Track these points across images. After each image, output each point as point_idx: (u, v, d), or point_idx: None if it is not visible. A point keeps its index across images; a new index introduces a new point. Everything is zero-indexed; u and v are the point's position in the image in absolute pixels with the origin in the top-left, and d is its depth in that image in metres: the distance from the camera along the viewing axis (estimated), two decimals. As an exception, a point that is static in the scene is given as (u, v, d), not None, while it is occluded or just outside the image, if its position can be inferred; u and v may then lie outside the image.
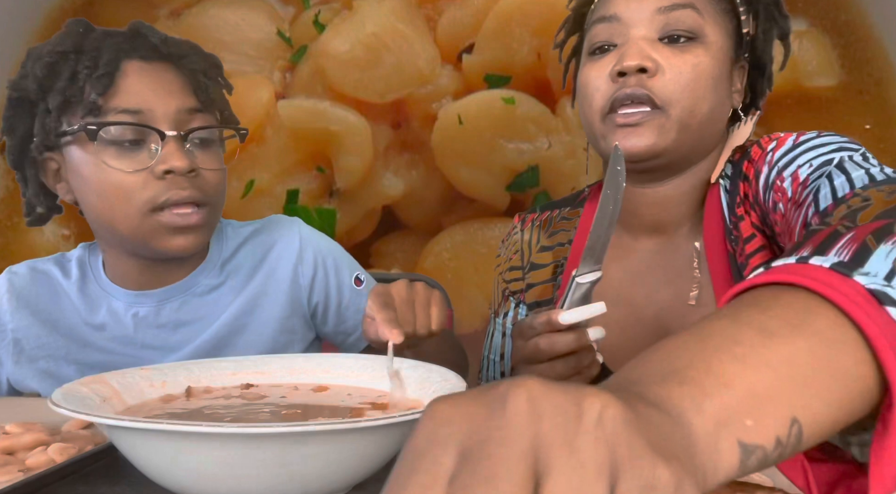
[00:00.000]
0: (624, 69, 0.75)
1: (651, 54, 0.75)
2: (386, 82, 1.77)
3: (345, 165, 1.80)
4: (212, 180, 0.88)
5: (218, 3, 1.82)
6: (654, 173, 0.82)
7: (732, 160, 0.83)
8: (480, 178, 1.77)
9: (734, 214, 0.80)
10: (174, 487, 0.51)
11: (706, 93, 0.77)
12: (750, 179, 0.78)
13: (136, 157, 0.84)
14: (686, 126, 0.76)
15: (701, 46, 0.77)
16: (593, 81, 0.79)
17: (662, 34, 0.77)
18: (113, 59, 0.84)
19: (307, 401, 0.65)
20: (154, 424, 0.47)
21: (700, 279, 0.81)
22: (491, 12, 1.74)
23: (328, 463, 0.50)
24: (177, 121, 0.85)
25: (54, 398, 0.53)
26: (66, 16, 1.82)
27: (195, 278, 0.96)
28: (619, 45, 0.78)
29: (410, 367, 0.69)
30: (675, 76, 0.75)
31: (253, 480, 0.49)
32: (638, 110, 0.76)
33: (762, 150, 0.78)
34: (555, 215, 0.98)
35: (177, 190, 0.84)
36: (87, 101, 0.83)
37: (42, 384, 0.94)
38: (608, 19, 0.79)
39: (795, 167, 0.70)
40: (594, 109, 0.79)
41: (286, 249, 1.01)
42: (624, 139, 0.76)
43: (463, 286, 1.75)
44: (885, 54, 1.64)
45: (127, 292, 0.94)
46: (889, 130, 1.65)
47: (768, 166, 0.75)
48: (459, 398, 0.26)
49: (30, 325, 0.94)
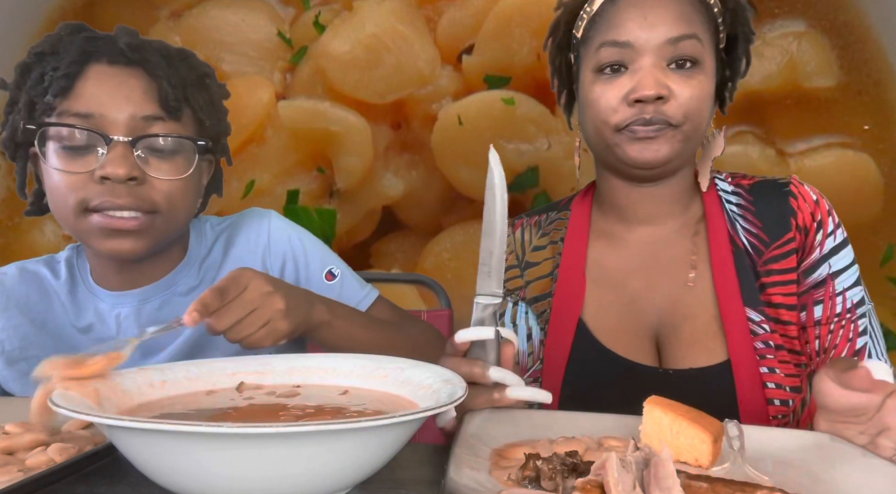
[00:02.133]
0: (642, 98, 0.83)
1: (665, 82, 0.84)
2: (386, 83, 1.78)
3: (345, 165, 1.80)
4: (162, 189, 0.86)
5: (218, 4, 1.83)
6: (653, 176, 0.91)
7: (738, 182, 0.94)
8: (480, 178, 1.77)
9: (755, 227, 0.90)
10: (174, 487, 0.52)
11: (704, 112, 0.87)
12: (801, 227, 0.88)
13: (83, 160, 0.83)
14: (689, 139, 0.87)
15: (702, 72, 0.86)
16: (608, 100, 0.86)
17: (670, 61, 0.85)
18: (77, 62, 0.84)
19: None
20: (154, 424, 0.47)
21: (698, 266, 0.90)
22: (491, 13, 1.75)
23: (328, 463, 0.50)
24: (130, 127, 0.84)
25: (54, 398, 0.53)
26: (67, 17, 1.83)
27: (174, 278, 0.96)
28: (632, 70, 0.86)
29: (410, 367, 0.69)
30: (686, 101, 0.84)
31: (253, 480, 0.49)
32: (654, 128, 0.85)
33: (805, 202, 0.89)
34: (543, 219, 1.03)
35: (111, 197, 0.83)
36: (43, 102, 0.84)
37: (24, 387, 0.93)
38: (620, 45, 0.85)
39: (842, 289, 0.86)
40: (609, 127, 0.87)
41: (252, 241, 1.00)
42: (643, 150, 0.86)
43: (463, 286, 1.75)
44: (884, 55, 1.64)
45: (109, 293, 0.94)
46: (888, 131, 1.66)
47: (819, 250, 0.87)
48: None
49: (18, 325, 0.94)
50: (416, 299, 1.77)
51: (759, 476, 0.56)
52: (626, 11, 0.86)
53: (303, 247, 1.02)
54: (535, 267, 0.99)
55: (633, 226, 0.95)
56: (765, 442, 0.63)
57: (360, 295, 1.02)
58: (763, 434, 0.64)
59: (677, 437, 0.59)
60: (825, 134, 1.67)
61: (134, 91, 0.85)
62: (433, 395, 0.62)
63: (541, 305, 0.97)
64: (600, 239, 0.97)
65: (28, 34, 1.83)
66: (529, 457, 0.54)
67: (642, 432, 0.61)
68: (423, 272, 1.75)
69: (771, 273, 0.87)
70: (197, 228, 1.01)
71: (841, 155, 1.67)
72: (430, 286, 1.65)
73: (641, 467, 0.50)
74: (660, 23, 0.84)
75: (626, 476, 0.48)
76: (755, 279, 0.87)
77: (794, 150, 1.69)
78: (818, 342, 0.86)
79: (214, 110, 0.95)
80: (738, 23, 0.90)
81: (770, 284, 0.87)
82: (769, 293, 0.86)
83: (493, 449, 0.61)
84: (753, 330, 0.85)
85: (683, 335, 0.88)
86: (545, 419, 0.69)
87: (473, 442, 0.61)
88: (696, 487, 0.51)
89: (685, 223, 0.94)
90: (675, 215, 0.94)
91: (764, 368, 0.84)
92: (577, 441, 0.62)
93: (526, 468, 0.53)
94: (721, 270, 0.88)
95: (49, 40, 0.87)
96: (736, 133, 1.69)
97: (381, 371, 0.70)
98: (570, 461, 0.53)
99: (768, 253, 0.88)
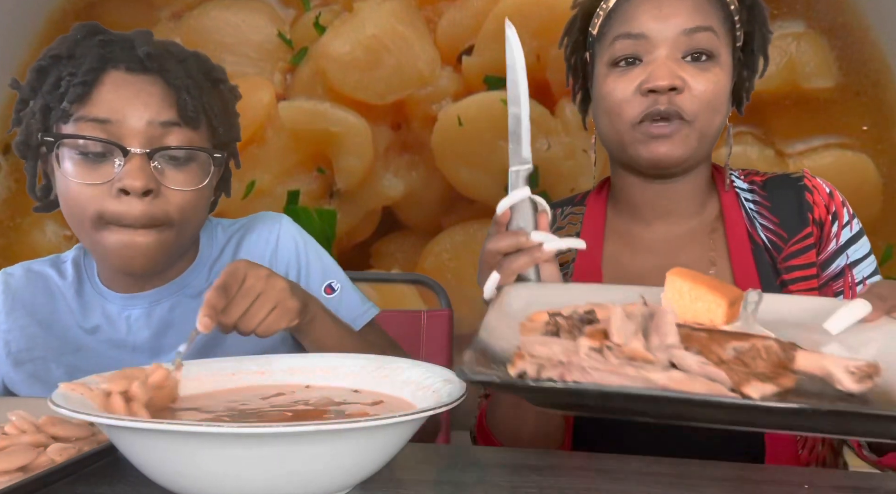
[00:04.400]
0: (656, 88, 0.83)
1: (679, 73, 0.83)
2: (386, 84, 1.78)
3: (345, 166, 1.80)
4: (176, 201, 0.85)
5: (219, 5, 1.83)
6: (667, 174, 0.90)
7: (751, 178, 0.95)
8: (480, 179, 1.77)
9: (773, 222, 0.90)
10: (174, 487, 0.52)
11: (720, 106, 0.86)
12: (817, 221, 0.89)
13: (100, 170, 0.83)
14: (704, 136, 0.86)
15: (717, 65, 0.85)
16: (621, 93, 0.86)
17: (685, 53, 0.84)
18: (94, 68, 0.83)
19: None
20: (154, 424, 0.47)
21: (717, 263, 0.90)
22: (490, 14, 1.75)
23: (328, 463, 0.50)
24: (147, 134, 0.83)
25: (54, 398, 0.53)
26: (68, 18, 1.82)
27: (185, 280, 0.96)
28: (646, 62, 0.85)
29: (410, 367, 0.69)
30: (700, 94, 0.83)
31: (253, 480, 0.49)
32: (668, 124, 0.84)
33: (820, 195, 0.89)
34: (558, 213, 1.02)
35: (128, 208, 0.82)
36: (59, 107, 0.83)
37: (31, 388, 0.93)
38: (634, 37, 0.85)
39: (861, 278, 0.86)
40: (623, 120, 0.86)
41: (262, 244, 1.00)
42: (656, 148, 0.85)
43: (463, 286, 1.76)
44: (883, 56, 1.65)
45: (119, 295, 0.94)
46: (886, 132, 1.66)
47: (836, 241, 0.87)
48: None
49: (25, 326, 0.94)
50: (416, 299, 1.77)
51: (764, 332, 0.57)
52: (642, 5, 0.86)
53: (307, 257, 1.01)
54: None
55: (648, 224, 0.94)
56: (788, 308, 0.64)
57: (359, 311, 1.01)
58: (784, 301, 0.66)
59: (695, 302, 0.60)
60: (824, 135, 1.67)
61: (152, 98, 0.84)
62: (433, 395, 0.62)
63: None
64: (615, 237, 0.96)
65: (30, 35, 1.83)
66: (552, 315, 0.58)
67: (663, 298, 0.62)
68: (423, 272, 1.75)
69: (791, 270, 0.86)
70: (208, 230, 1.01)
71: (840, 156, 1.67)
72: (430, 286, 1.65)
73: (647, 319, 0.54)
74: (674, 14, 0.84)
75: (629, 324, 0.52)
76: (775, 277, 0.86)
77: (793, 150, 1.69)
78: None
79: (227, 116, 0.95)
80: (754, 20, 0.90)
81: (790, 281, 0.86)
82: (790, 291, 0.86)
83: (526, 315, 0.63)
84: None
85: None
86: (577, 291, 0.71)
87: (508, 310, 0.64)
88: (697, 336, 0.54)
89: (702, 222, 0.93)
90: (691, 213, 0.93)
91: None
92: (602, 306, 0.63)
93: (549, 323, 0.57)
94: (741, 267, 0.87)
95: (65, 43, 0.87)
96: (735, 134, 1.69)
97: (381, 371, 0.70)
98: (587, 317, 0.56)
99: (787, 249, 0.87)
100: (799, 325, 0.61)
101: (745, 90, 0.94)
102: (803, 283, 0.86)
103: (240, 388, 0.71)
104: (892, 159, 1.65)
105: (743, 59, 0.92)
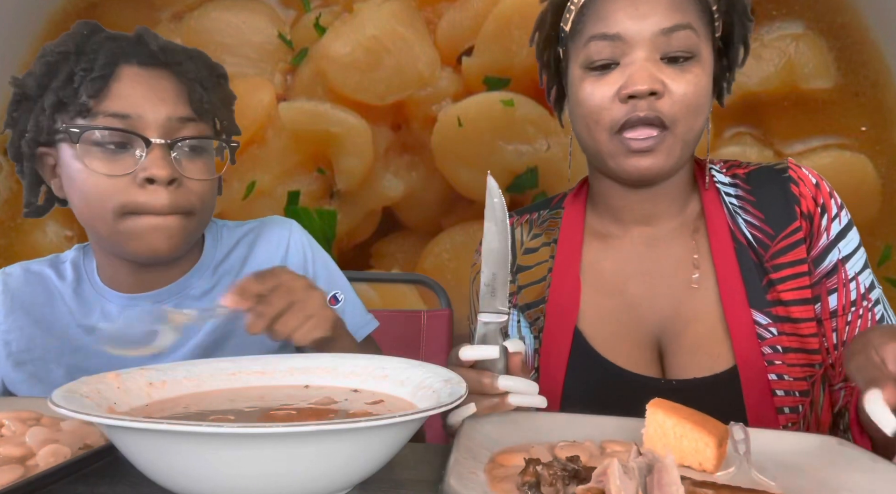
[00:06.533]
0: (635, 93, 0.79)
1: (658, 77, 0.79)
2: (386, 85, 1.78)
3: (345, 166, 1.80)
4: (196, 190, 0.88)
5: (220, 6, 1.83)
6: (649, 184, 0.87)
7: (732, 171, 0.91)
8: (480, 179, 1.77)
9: (756, 217, 0.86)
10: (174, 487, 0.52)
11: (701, 108, 0.82)
12: (805, 214, 0.84)
13: (121, 161, 0.84)
14: (686, 142, 0.82)
15: (697, 64, 0.81)
16: (598, 98, 0.82)
17: (664, 54, 0.80)
18: (109, 63, 0.84)
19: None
20: (154, 424, 0.47)
21: (701, 266, 0.86)
22: (490, 15, 1.75)
23: (328, 463, 0.50)
24: (166, 128, 0.85)
25: (54, 398, 0.53)
26: (70, 18, 1.83)
27: (188, 281, 0.96)
28: (623, 65, 0.81)
29: (410, 367, 0.69)
30: (681, 97, 0.79)
31: (253, 480, 0.49)
32: (649, 135, 0.80)
33: (806, 187, 0.85)
34: (535, 217, 0.99)
35: (154, 197, 0.84)
36: (77, 102, 0.83)
37: (31, 389, 0.93)
38: (611, 38, 0.81)
39: (853, 274, 0.83)
40: (601, 127, 0.82)
41: (272, 249, 1.01)
42: (639, 162, 0.81)
43: (463, 287, 1.76)
44: (881, 57, 1.65)
45: (120, 295, 0.94)
46: (885, 132, 1.66)
47: (826, 235, 0.83)
48: None
49: (23, 326, 0.94)
50: (416, 299, 1.77)
51: (766, 482, 0.55)
52: (616, 2, 0.81)
53: (314, 267, 1.02)
54: (528, 271, 0.95)
55: (629, 227, 0.91)
56: (771, 446, 0.62)
57: (361, 323, 1.02)
58: (769, 437, 0.63)
59: (681, 441, 0.58)
60: (823, 135, 1.68)
61: (167, 92, 0.86)
62: (433, 395, 0.62)
63: (534, 312, 0.93)
64: (595, 240, 0.93)
65: (30, 35, 1.84)
66: (529, 462, 0.52)
67: (645, 436, 0.60)
68: (423, 273, 1.76)
69: (779, 268, 0.83)
70: (212, 231, 1.01)
71: (838, 156, 1.67)
72: (430, 287, 1.66)
73: (644, 473, 0.49)
74: (651, 13, 0.79)
75: (629, 483, 0.47)
76: (761, 277, 0.83)
77: (792, 151, 1.69)
78: (835, 335, 0.82)
79: (227, 111, 0.96)
80: (733, 9, 0.85)
81: (779, 280, 0.82)
82: (778, 290, 0.82)
83: (493, 453, 0.60)
84: (760, 334, 0.81)
85: (687, 340, 0.83)
86: (547, 422, 0.68)
87: (472, 445, 0.60)
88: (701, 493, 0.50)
89: (684, 222, 0.90)
90: (672, 214, 0.90)
91: (772, 375, 0.80)
92: (578, 445, 0.61)
93: (526, 473, 0.52)
94: (724, 269, 0.84)
95: (72, 39, 0.87)
96: (734, 134, 1.70)
97: (381, 371, 0.71)
98: (572, 466, 0.51)
99: (774, 246, 0.84)
100: (794, 468, 0.58)
101: (725, 81, 0.90)
102: (793, 281, 0.82)
103: (240, 388, 0.71)
104: (890, 160, 1.66)
105: (723, 50, 0.88)
